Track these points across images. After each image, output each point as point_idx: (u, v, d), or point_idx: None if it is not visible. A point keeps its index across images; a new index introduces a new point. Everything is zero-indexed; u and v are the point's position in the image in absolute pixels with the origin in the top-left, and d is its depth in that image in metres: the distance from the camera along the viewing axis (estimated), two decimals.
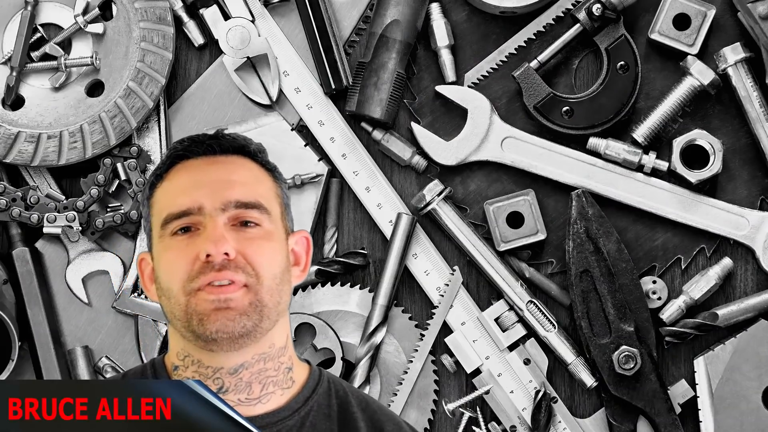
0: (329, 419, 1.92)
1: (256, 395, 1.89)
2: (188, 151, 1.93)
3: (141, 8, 2.51)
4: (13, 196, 2.51)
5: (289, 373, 1.93)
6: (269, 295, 1.86)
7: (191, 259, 1.84)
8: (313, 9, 2.54)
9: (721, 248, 2.58)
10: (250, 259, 1.85)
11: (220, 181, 1.89)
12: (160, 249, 1.89)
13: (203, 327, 1.83)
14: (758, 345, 2.52)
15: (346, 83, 2.54)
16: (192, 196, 1.87)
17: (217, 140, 1.94)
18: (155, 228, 1.90)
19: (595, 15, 2.51)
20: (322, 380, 1.96)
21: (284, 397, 1.91)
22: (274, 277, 1.87)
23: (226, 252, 1.82)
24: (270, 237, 1.88)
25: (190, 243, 1.85)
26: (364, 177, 2.57)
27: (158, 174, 1.94)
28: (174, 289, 1.85)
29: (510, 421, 2.55)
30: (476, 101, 2.56)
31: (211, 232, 1.84)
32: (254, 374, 1.89)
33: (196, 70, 2.59)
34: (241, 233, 1.86)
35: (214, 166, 1.91)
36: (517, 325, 2.55)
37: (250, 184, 1.91)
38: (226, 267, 1.83)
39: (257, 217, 1.88)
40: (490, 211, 2.55)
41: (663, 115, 2.54)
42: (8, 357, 2.46)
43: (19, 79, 2.51)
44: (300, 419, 1.90)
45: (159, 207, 1.91)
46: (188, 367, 1.90)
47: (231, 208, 1.86)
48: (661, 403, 2.51)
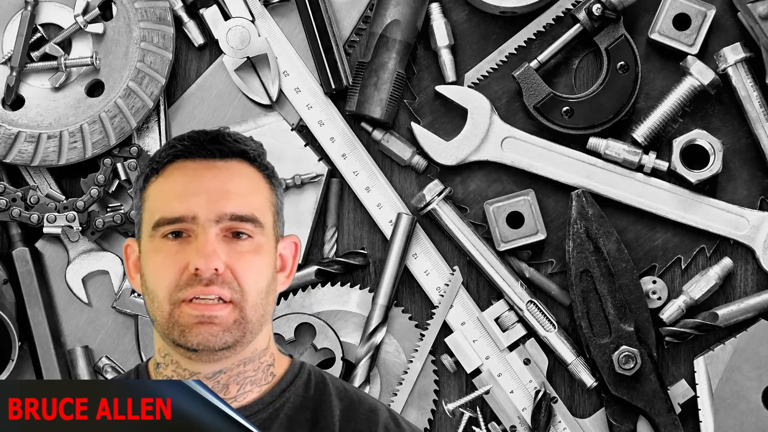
0: (305, 410, 1.92)
1: (232, 395, 1.90)
2: (187, 152, 1.91)
3: (141, 8, 2.51)
4: (13, 196, 2.51)
5: (269, 369, 1.93)
6: (253, 311, 1.86)
7: (180, 268, 1.83)
8: (313, 9, 2.54)
9: (721, 248, 2.59)
10: (238, 274, 1.84)
11: (216, 191, 1.87)
12: (149, 248, 1.88)
13: (185, 338, 1.84)
14: (758, 345, 2.52)
15: (346, 83, 2.54)
16: (187, 203, 1.85)
17: (218, 144, 1.91)
18: (146, 225, 1.89)
19: (595, 15, 2.51)
20: (301, 373, 1.95)
21: (260, 393, 1.92)
22: (260, 292, 1.86)
23: (215, 267, 1.82)
24: (260, 250, 1.87)
25: (180, 250, 1.84)
26: (364, 177, 2.57)
27: (154, 168, 1.92)
28: (159, 295, 1.85)
29: (510, 421, 2.55)
30: (476, 101, 2.56)
31: (202, 245, 1.83)
32: (232, 377, 1.89)
33: (196, 70, 2.59)
34: (231, 245, 1.85)
35: (211, 172, 1.89)
36: (517, 325, 2.55)
37: (247, 195, 1.89)
38: (213, 282, 1.82)
39: (250, 230, 1.87)
40: (490, 211, 2.55)
41: (663, 115, 2.54)
42: (8, 357, 2.46)
43: (19, 79, 2.51)
44: (273, 412, 1.90)
45: (152, 205, 1.89)
46: (168, 365, 1.90)
47: (225, 220, 1.85)
48: (661, 403, 2.51)
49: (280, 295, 2.53)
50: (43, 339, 2.51)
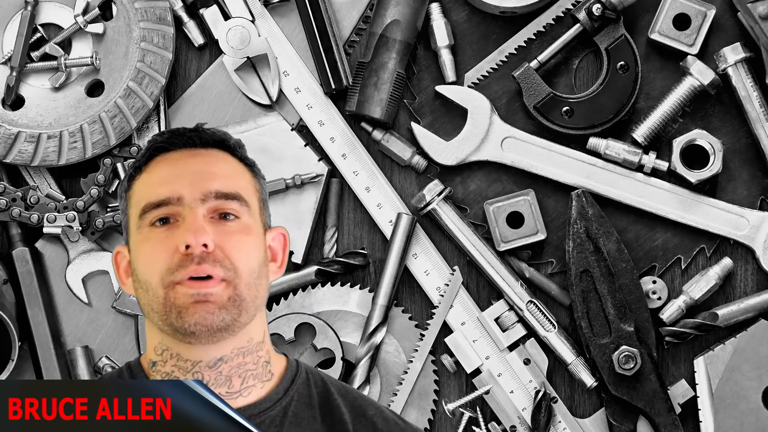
0: (311, 407, 1.92)
1: (236, 389, 1.89)
2: (168, 143, 1.92)
3: (141, 8, 2.51)
4: (13, 196, 2.51)
5: (267, 366, 1.93)
6: (247, 289, 1.85)
7: (170, 251, 1.83)
8: (313, 9, 2.54)
9: (721, 248, 2.59)
10: (229, 253, 1.84)
11: (200, 172, 1.89)
12: (137, 240, 1.88)
13: (182, 320, 1.83)
14: (758, 345, 2.52)
15: (346, 83, 2.54)
16: (171, 185, 1.86)
17: (197, 133, 1.94)
18: (132, 219, 1.89)
19: (595, 15, 2.51)
20: (300, 371, 1.96)
21: (264, 389, 1.91)
22: (252, 271, 1.86)
23: (205, 243, 1.82)
24: (248, 231, 1.88)
25: (169, 235, 1.84)
26: (364, 177, 2.57)
27: (137, 166, 1.93)
28: (152, 282, 1.85)
29: (510, 421, 2.55)
30: (476, 101, 2.56)
31: (190, 223, 1.83)
32: (233, 368, 1.89)
33: (196, 70, 2.59)
34: (220, 226, 1.85)
35: (194, 159, 1.91)
36: (517, 325, 2.55)
37: (230, 176, 1.91)
38: (205, 260, 1.82)
39: (237, 209, 1.87)
40: (490, 211, 2.55)
41: (663, 115, 2.54)
42: (8, 357, 2.46)
43: (19, 79, 2.51)
44: (282, 409, 1.90)
45: (137, 198, 1.90)
46: (167, 361, 1.89)
47: (211, 199, 1.86)
48: (661, 403, 2.51)
49: (280, 295, 2.53)
50: (43, 339, 2.51)
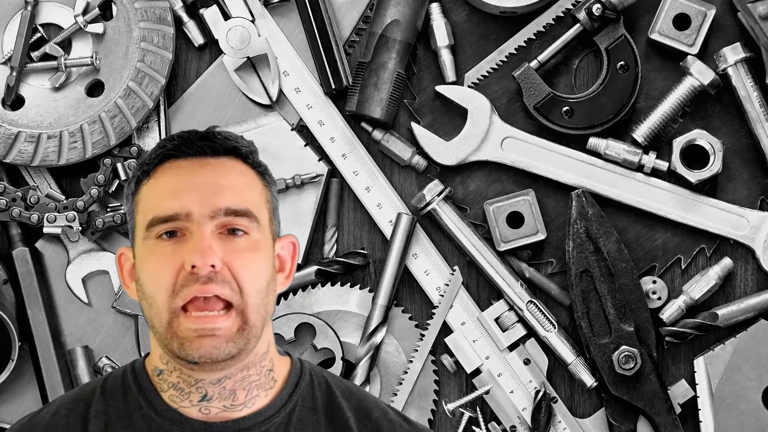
0: (315, 412, 1.90)
1: (241, 401, 1.86)
2: (178, 151, 1.87)
3: (141, 8, 2.51)
4: (13, 196, 2.51)
5: (270, 374, 1.90)
6: (255, 314, 1.81)
7: (176, 268, 1.79)
8: (313, 9, 2.54)
9: (721, 248, 2.59)
10: (236, 273, 1.79)
11: (210, 186, 1.83)
12: (143, 251, 1.83)
13: (184, 351, 1.79)
14: (758, 345, 2.52)
15: (346, 83, 2.54)
16: (180, 200, 1.81)
17: (209, 141, 1.87)
18: (139, 228, 1.85)
19: (595, 15, 2.51)
20: (304, 373, 1.93)
21: (268, 397, 1.89)
22: (259, 292, 1.82)
23: (212, 264, 1.77)
24: (257, 247, 1.83)
25: (175, 250, 1.80)
26: (364, 177, 2.57)
27: (145, 170, 1.88)
28: (157, 300, 1.80)
29: (510, 421, 2.55)
30: (476, 101, 2.56)
31: (198, 242, 1.79)
32: (237, 382, 1.86)
33: (196, 70, 2.59)
34: (228, 243, 1.81)
35: (204, 169, 1.85)
36: (517, 325, 2.55)
37: (241, 189, 1.85)
38: (211, 280, 1.77)
39: (246, 225, 1.82)
40: (490, 211, 2.55)
41: (663, 115, 2.54)
42: (8, 357, 2.46)
43: (19, 79, 2.51)
44: (287, 415, 1.88)
45: (145, 206, 1.85)
46: (172, 372, 1.86)
47: (220, 216, 1.81)
48: (661, 403, 2.51)
49: (280, 295, 2.53)
50: (43, 339, 2.50)
